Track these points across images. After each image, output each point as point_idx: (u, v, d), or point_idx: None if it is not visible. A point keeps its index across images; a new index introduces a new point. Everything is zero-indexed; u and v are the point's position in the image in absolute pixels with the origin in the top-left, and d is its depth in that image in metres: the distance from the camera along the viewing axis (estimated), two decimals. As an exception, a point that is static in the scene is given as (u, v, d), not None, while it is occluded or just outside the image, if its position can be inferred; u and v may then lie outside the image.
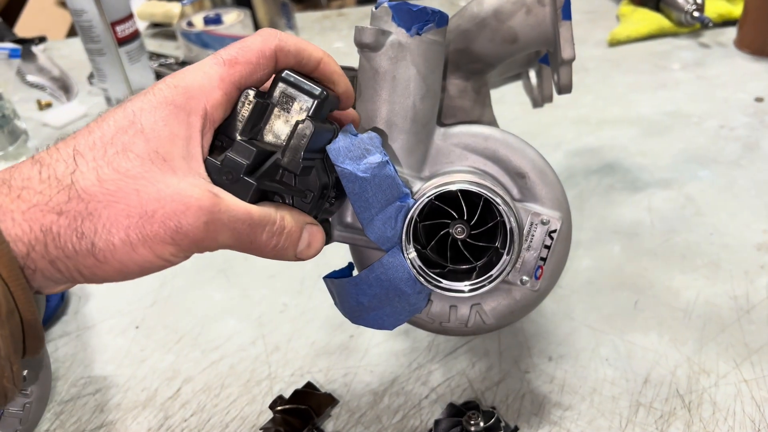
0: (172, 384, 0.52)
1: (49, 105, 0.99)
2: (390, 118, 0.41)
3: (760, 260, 0.57)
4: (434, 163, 0.43)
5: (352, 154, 0.36)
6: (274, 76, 0.34)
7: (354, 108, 0.40)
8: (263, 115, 0.33)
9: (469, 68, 0.49)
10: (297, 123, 0.32)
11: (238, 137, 0.32)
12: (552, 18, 0.44)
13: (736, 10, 0.95)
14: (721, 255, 0.58)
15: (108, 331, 0.58)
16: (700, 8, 0.92)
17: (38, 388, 0.42)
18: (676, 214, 0.63)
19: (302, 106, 0.33)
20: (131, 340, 0.57)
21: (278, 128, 0.33)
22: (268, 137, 0.33)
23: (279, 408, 0.44)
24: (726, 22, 0.96)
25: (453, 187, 0.39)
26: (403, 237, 0.39)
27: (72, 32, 2.16)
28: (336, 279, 0.42)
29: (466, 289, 0.41)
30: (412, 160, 0.42)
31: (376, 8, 0.42)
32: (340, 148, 0.36)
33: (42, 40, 1.16)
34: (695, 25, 0.94)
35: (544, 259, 0.43)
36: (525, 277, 0.43)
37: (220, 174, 0.31)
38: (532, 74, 0.62)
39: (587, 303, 0.55)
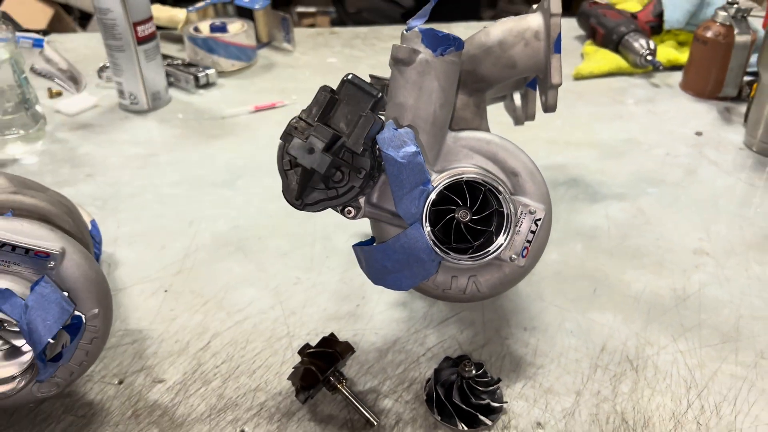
0: (202, 338, 0.60)
1: (59, 94, 1.05)
2: (415, 121, 0.51)
3: (696, 261, 0.69)
4: (445, 160, 0.53)
5: (394, 144, 0.46)
6: (342, 78, 0.43)
7: (385, 110, 0.50)
8: (332, 107, 0.42)
9: (473, 86, 0.60)
10: (360, 115, 0.42)
11: (316, 122, 0.41)
12: (545, 51, 0.55)
13: (683, 58, 1.10)
14: (665, 256, 0.70)
15: (139, 294, 0.65)
16: (653, 53, 1.07)
17: (102, 326, 0.50)
18: (629, 222, 0.75)
19: (362, 103, 0.43)
20: (161, 302, 0.64)
21: (344, 118, 0.43)
22: (337, 125, 0.42)
23: (308, 352, 0.52)
24: (673, 67, 1.11)
25: (466, 177, 0.50)
26: (424, 214, 0.49)
27: (51, 26, 2.18)
28: (365, 246, 0.52)
29: (470, 260, 0.51)
30: (429, 156, 0.52)
31: (407, 31, 0.52)
32: (386, 138, 0.45)
33: (45, 33, 1.22)
34: (648, 67, 1.08)
35: (529, 242, 0.53)
36: (514, 255, 0.53)
37: (303, 149, 0.40)
38: (516, 96, 0.74)
39: (555, 288, 0.66)
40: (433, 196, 0.49)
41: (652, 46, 1.07)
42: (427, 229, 0.50)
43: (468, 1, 2.66)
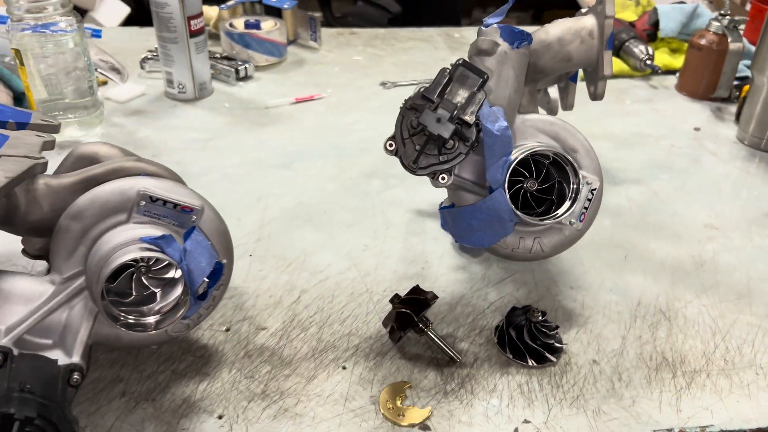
0: (293, 294, 0.68)
1: (105, 83, 1.11)
2: (494, 103, 0.60)
3: (707, 234, 0.80)
4: (514, 138, 0.62)
5: (490, 119, 0.55)
6: (455, 62, 0.52)
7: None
8: (448, 86, 0.51)
9: (531, 77, 0.69)
10: (473, 92, 0.51)
11: (437, 98, 0.50)
12: (599, 47, 0.65)
13: (676, 63, 1.22)
14: (681, 230, 0.80)
15: (226, 257, 0.72)
16: (652, 58, 1.18)
17: (227, 275, 0.57)
18: (647, 201, 0.86)
19: (473, 82, 0.52)
20: (249, 264, 0.72)
21: (457, 95, 0.51)
22: (452, 100, 0.51)
23: (400, 299, 0.61)
24: (668, 71, 1.23)
25: (540, 150, 0.59)
26: (506, 181, 0.58)
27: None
28: (453, 209, 0.60)
29: (541, 221, 0.60)
30: (506, 134, 0.61)
31: (485, 27, 0.61)
32: (484, 113, 0.55)
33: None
34: (647, 71, 1.20)
35: (586, 208, 0.63)
36: (573, 220, 0.63)
37: (434, 118, 0.49)
38: (551, 90, 0.84)
39: (592, 255, 0.75)
40: (513, 165, 0.58)
41: (650, 51, 1.19)
42: (507, 195, 0.59)
43: (448, 10, 2.78)
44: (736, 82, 1.13)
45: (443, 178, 0.58)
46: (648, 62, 1.18)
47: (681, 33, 1.25)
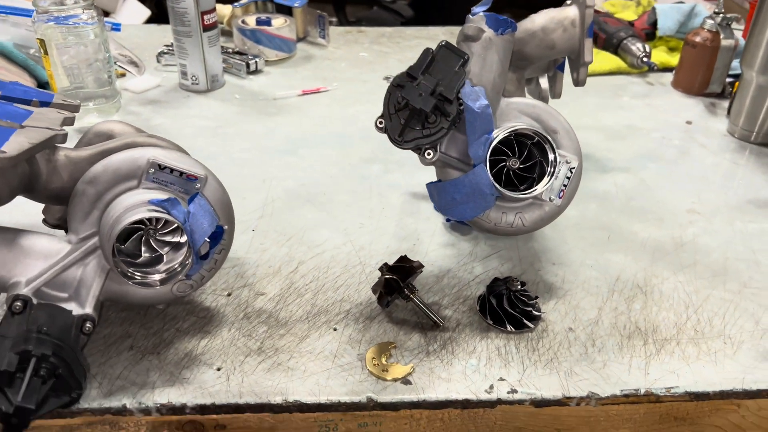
0: (291, 264, 0.73)
1: (123, 75, 1.17)
2: (477, 84, 0.65)
3: (689, 218, 0.83)
4: (499, 120, 0.67)
5: (472, 97, 0.60)
6: (438, 43, 0.57)
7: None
8: (430, 65, 0.56)
9: (517, 64, 0.74)
10: (453, 71, 0.56)
11: (420, 74, 0.55)
12: (580, 35, 0.70)
13: (673, 61, 1.26)
14: (664, 214, 0.84)
15: (230, 232, 0.77)
16: (648, 55, 1.22)
17: (228, 240, 0.62)
18: (634, 188, 0.90)
19: (454, 62, 0.56)
20: (251, 238, 0.77)
21: (439, 71, 0.56)
22: (435, 77, 0.56)
23: (387, 267, 0.65)
24: (665, 69, 1.27)
25: (519, 129, 0.63)
26: (488, 157, 0.63)
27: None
28: (438, 183, 0.65)
29: (520, 195, 0.64)
30: (488, 114, 0.66)
31: (473, 15, 0.66)
32: (466, 92, 0.59)
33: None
34: (644, 68, 1.24)
35: (565, 186, 0.67)
36: (552, 196, 0.67)
37: (416, 92, 0.53)
38: (542, 81, 0.88)
39: (575, 235, 0.79)
40: (495, 143, 0.63)
41: (647, 49, 1.23)
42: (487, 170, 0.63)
43: (459, 14, 2.83)
44: (729, 79, 1.16)
45: (429, 154, 0.63)
46: (645, 59, 1.21)
47: (679, 32, 1.29)
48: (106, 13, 2.52)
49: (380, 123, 0.61)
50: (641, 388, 0.59)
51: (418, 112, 0.55)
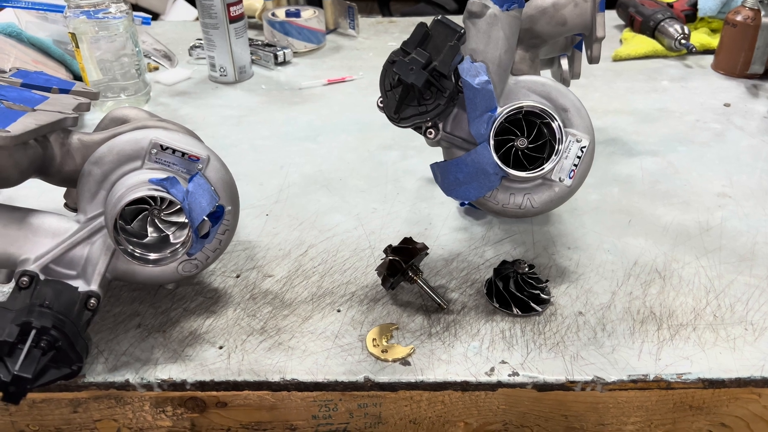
0: (301, 248, 0.73)
1: (156, 68, 1.20)
2: (484, 62, 0.63)
3: (718, 202, 0.79)
4: (506, 98, 0.65)
5: (471, 73, 0.58)
6: (433, 18, 0.56)
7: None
8: (425, 40, 0.55)
9: (529, 42, 0.72)
10: (448, 45, 0.54)
11: (414, 49, 0.54)
12: (592, 10, 0.67)
13: (715, 42, 1.20)
14: (691, 197, 0.80)
15: (245, 216, 0.78)
16: (687, 37, 1.17)
17: (233, 221, 0.63)
18: (661, 171, 0.86)
19: (449, 37, 0.55)
20: (264, 222, 0.78)
21: (435, 48, 0.55)
22: (429, 52, 0.55)
23: (391, 249, 0.65)
24: (706, 51, 1.21)
25: (526, 107, 0.62)
26: (491, 135, 0.61)
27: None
28: (441, 163, 0.64)
29: (526, 174, 0.62)
30: (495, 93, 0.64)
31: (478, -8, 0.64)
32: (465, 67, 0.58)
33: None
34: (682, 51, 1.19)
35: (576, 165, 0.65)
36: (562, 176, 0.65)
37: (407, 66, 0.53)
38: (563, 62, 0.85)
39: (594, 219, 0.77)
40: (499, 121, 0.61)
41: (686, 31, 1.17)
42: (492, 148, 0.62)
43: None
44: (775, 59, 1.10)
45: (431, 133, 0.62)
46: (683, 41, 1.17)
47: (721, 12, 1.23)
48: (156, 14, 2.60)
49: (380, 102, 0.61)
50: (650, 374, 0.57)
51: (410, 87, 0.55)
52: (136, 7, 2.50)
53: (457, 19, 0.61)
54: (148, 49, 1.23)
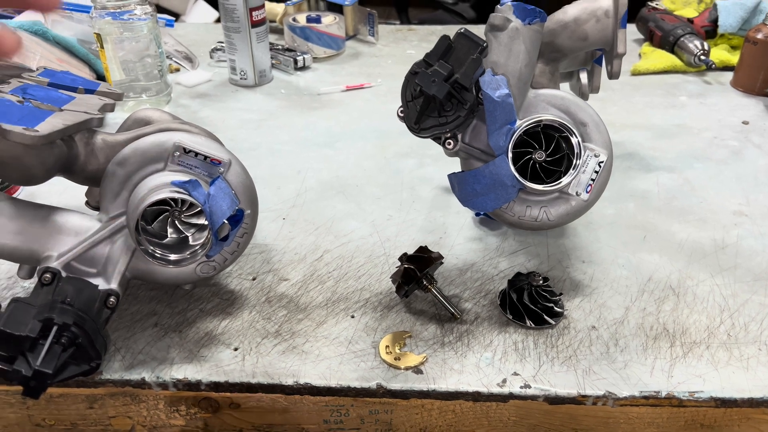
0: (316, 252, 0.74)
1: (177, 70, 1.21)
2: (505, 75, 0.64)
3: (735, 220, 0.79)
4: (526, 111, 0.65)
5: (492, 86, 0.59)
6: (456, 31, 0.57)
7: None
8: (448, 52, 0.56)
9: (550, 56, 0.72)
10: (471, 58, 0.55)
11: (437, 61, 0.54)
12: (613, 26, 0.68)
13: (734, 59, 1.20)
14: (707, 215, 0.80)
15: (262, 220, 0.79)
16: (707, 53, 1.17)
17: (251, 224, 0.64)
18: (677, 188, 0.86)
19: (472, 50, 0.56)
20: (281, 226, 0.78)
21: (457, 59, 0.56)
22: (451, 65, 0.56)
23: (406, 257, 0.65)
24: (726, 68, 1.21)
25: (545, 121, 0.62)
26: (510, 148, 0.62)
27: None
28: (458, 173, 0.64)
29: (543, 187, 0.63)
30: (515, 105, 0.65)
31: (501, 5, 0.65)
32: (486, 80, 0.58)
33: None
34: (701, 66, 1.19)
35: (593, 180, 0.65)
36: (579, 190, 0.65)
37: (429, 78, 0.53)
38: (582, 75, 0.86)
39: (609, 233, 0.77)
40: (518, 134, 0.62)
41: (706, 47, 1.17)
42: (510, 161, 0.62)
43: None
44: (795, 78, 1.10)
45: (449, 144, 0.63)
46: (702, 57, 1.16)
47: (741, 29, 1.23)
48: (177, 15, 2.63)
49: (401, 112, 0.61)
50: (662, 391, 0.57)
51: (432, 98, 0.55)
52: (157, 8, 2.53)
53: (474, 28, 0.61)
54: (170, 51, 1.25)
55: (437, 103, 0.56)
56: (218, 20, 2.69)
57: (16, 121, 0.54)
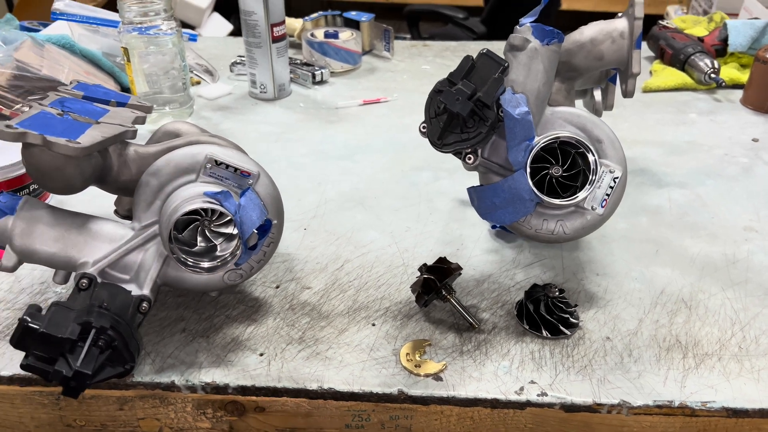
0: (337, 262, 0.76)
1: (198, 83, 1.24)
2: (524, 93, 0.66)
3: (746, 236, 0.81)
4: (543, 128, 0.68)
5: (512, 104, 0.61)
6: (479, 51, 0.59)
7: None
8: (471, 71, 0.58)
9: (566, 75, 0.75)
10: (492, 77, 0.57)
11: (461, 80, 0.57)
12: (629, 46, 0.70)
13: (744, 77, 1.22)
14: (718, 230, 0.82)
15: (284, 230, 0.81)
16: (717, 71, 1.19)
17: (277, 234, 0.66)
18: (688, 204, 0.88)
19: (494, 69, 0.58)
20: (302, 236, 0.81)
21: (479, 78, 0.58)
22: (474, 83, 0.58)
23: (426, 268, 0.67)
24: (735, 86, 1.23)
25: (562, 137, 0.64)
26: (528, 163, 0.64)
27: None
28: (478, 187, 0.67)
29: (560, 201, 0.65)
30: (533, 122, 0.67)
31: (520, 26, 0.67)
32: (507, 98, 0.61)
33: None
34: (711, 84, 1.21)
35: (608, 195, 0.67)
36: (595, 205, 0.67)
37: (453, 96, 0.56)
38: (596, 93, 0.88)
39: (623, 247, 0.79)
40: (536, 150, 0.64)
41: (716, 65, 1.20)
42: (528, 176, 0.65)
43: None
44: (804, 97, 1.12)
45: (470, 159, 0.65)
46: (712, 75, 1.19)
47: (751, 48, 1.25)
48: (192, 27, 2.68)
49: (423, 128, 0.64)
50: (675, 400, 0.59)
51: (455, 116, 0.58)
52: (173, 20, 2.57)
53: (484, 43, 0.64)
54: (191, 64, 1.28)
55: (460, 120, 0.58)
56: (232, 33, 2.74)
57: (60, 134, 0.56)
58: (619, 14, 0.75)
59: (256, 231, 0.62)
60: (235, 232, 0.61)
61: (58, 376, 0.51)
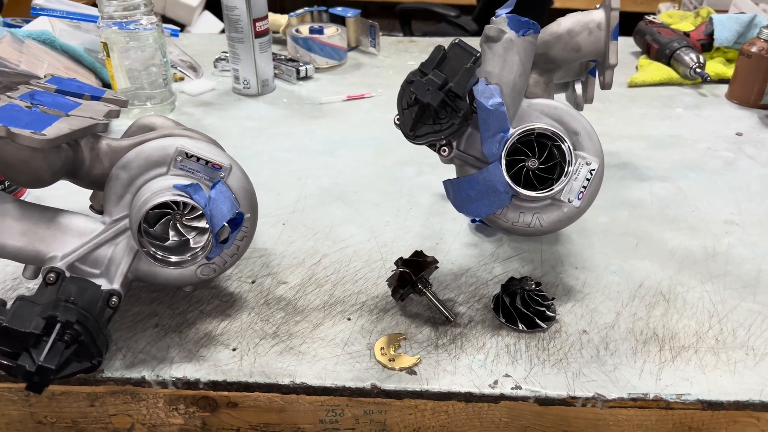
0: (315, 257, 0.75)
1: (181, 79, 1.24)
2: (499, 84, 0.65)
3: (726, 229, 0.81)
4: (519, 120, 0.67)
5: (485, 95, 0.61)
6: (451, 41, 0.58)
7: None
8: (442, 62, 0.57)
9: (544, 67, 0.74)
10: (464, 68, 0.57)
11: (432, 70, 0.56)
12: (605, 37, 0.69)
13: (730, 72, 1.22)
14: (699, 224, 0.82)
15: (262, 225, 0.80)
16: (702, 66, 1.19)
17: (251, 228, 0.65)
18: (670, 197, 0.87)
19: (466, 60, 0.58)
20: (281, 231, 0.80)
21: (451, 70, 0.58)
22: (446, 74, 0.57)
23: (402, 261, 0.67)
24: (721, 80, 1.23)
25: (537, 129, 0.64)
26: (503, 155, 0.63)
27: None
28: (453, 180, 0.66)
29: (536, 193, 0.64)
30: (509, 114, 0.66)
31: (496, 17, 0.67)
32: (480, 89, 0.60)
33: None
34: (697, 79, 1.20)
35: (585, 187, 0.67)
36: (571, 197, 0.67)
37: (424, 87, 0.55)
38: (577, 87, 0.87)
39: (603, 241, 0.78)
40: (511, 141, 0.63)
41: (701, 59, 1.19)
42: (503, 168, 0.64)
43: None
44: (789, 91, 1.11)
45: (444, 151, 0.64)
46: (698, 70, 1.18)
47: (737, 43, 1.25)
48: (183, 26, 2.67)
49: (397, 120, 0.63)
50: (650, 393, 0.58)
51: (426, 106, 0.57)
52: (164, 19, 2.56)
53: (475, 41, 0.63)
54: (175, 60, 1.27)
55: (432, 111, 0.58)
56: (223, 31, 2.73)
57: (24, 125, 0.56)
58: (597, 6, 0.74)
59: (227, 224, 0.62)
60: (207, 225, 0.60)
61: (21, 371, 0.50)
